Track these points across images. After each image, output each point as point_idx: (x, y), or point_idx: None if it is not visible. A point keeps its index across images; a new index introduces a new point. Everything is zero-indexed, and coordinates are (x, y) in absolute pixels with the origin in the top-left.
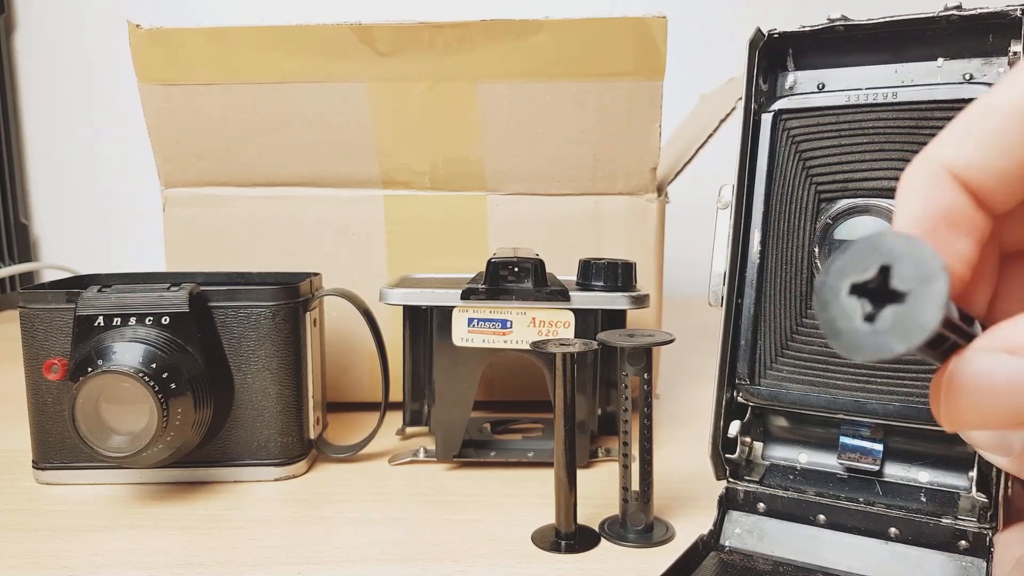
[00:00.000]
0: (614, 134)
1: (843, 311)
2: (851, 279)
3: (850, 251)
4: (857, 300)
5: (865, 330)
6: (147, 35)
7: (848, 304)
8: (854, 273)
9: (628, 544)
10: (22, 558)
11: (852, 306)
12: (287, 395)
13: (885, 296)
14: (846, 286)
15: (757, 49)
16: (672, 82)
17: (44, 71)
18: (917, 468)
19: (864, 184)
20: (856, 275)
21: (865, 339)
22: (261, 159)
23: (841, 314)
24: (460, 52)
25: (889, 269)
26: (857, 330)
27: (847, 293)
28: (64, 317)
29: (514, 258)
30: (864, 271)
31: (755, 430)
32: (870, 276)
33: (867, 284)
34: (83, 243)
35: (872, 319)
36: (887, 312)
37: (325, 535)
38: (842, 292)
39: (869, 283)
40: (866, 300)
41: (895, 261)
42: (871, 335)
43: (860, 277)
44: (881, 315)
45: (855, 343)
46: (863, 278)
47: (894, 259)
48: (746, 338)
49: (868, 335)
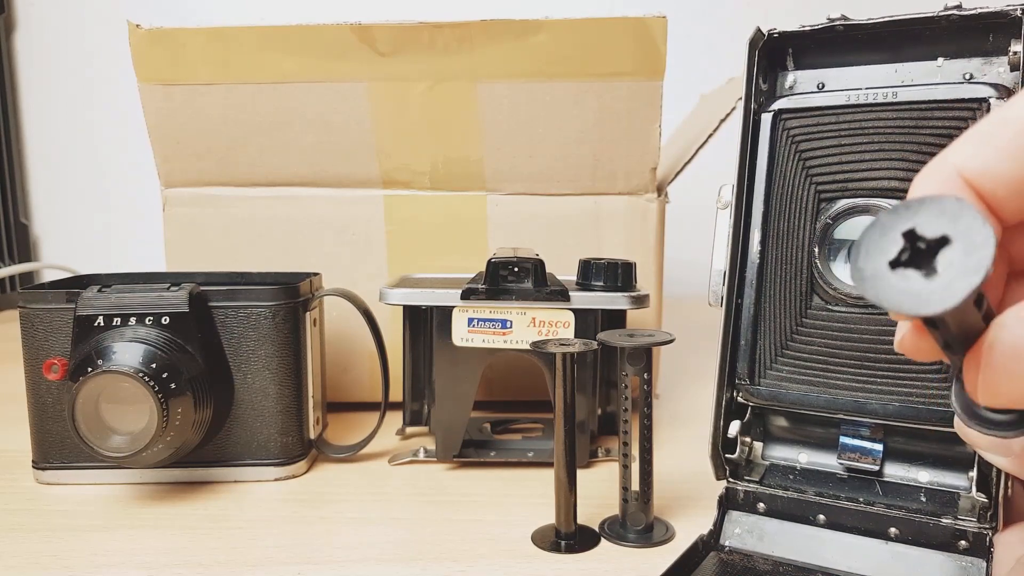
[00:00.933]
0: (614, 134)
1: (891, 281)
2: (886, 257)
3: (868, 235)
4: (901, 271)
5: (883, 273)
6: (147, 35)
7: (895, 276)
8: (883, 250)
9: (628, 544)
10: (22, 558)
11: (900, 275)
12: (287, 395)
13: (922, 260)
14: (884, 265)
15: (757, 49)
16: (672, 82)
17: (44, 71)
18: (917, 468)
19: (864, 184)
20: (888, 252)
21: (924, 292)
22: (261, 159)
23: (891, 284)
24: (460, 52)
25: (913, 231)
26: (876, 266)
27: (888, 270)
28: (64, 317)
29: (514, 258)
30: (892, 244)
31: (755, 430)
32: (899, 246)
33: (900, 257)
34: (83, 243)
35: (895, 266)
36: (941, 262)
37: (325, 535)
38: (883, 270)
39: (902, 254)
40: (908, 249)
41: (920, 222)
42: (927, 287)
43: (892, 252)
44: (937, 266)
45: (868, 278)
46: (895, 252)
47: (918, 221)
48: (746, 338)
49: (924, 287)
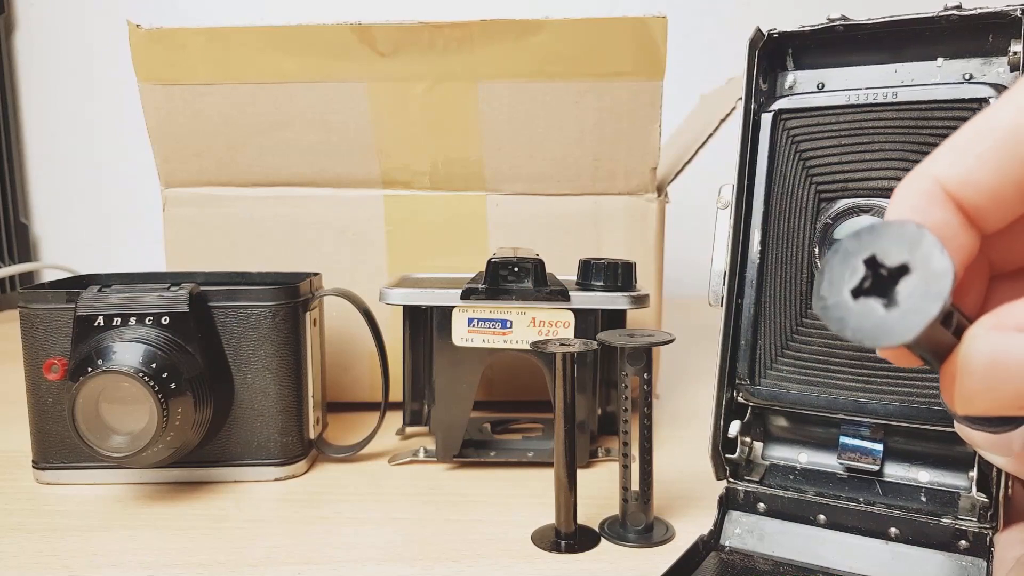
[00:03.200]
0: (614, 134)
1: (853, 311)
2: (848, 286)
3: (831, 263)
4: (862, 301)
5: (847, 303)
6: (147, 35)
7: (856, 306)
8: (845, 279)
9: (628, 544)
10: (22, 558)
11: (855, 273)
12: (287, 395)
13: (883, 288)
14: (847, 294)
15: (757, 49)
16: (672, 82)
17: (44, 71)
18: (917, 468)
19: (864, 184)
20: (849, 281)
21: (885, 323)
22: (261, 159)
23: (853, 314)
24: (460, 52)
25: (874, 258)
26: (839, 296)
27: (851, 299)
28: (64, 317)
29: (514, 258)
30: (854, 272)
31: (755, 430)
32: (861, 275)
33: (862, 285)
34: (83, 243)
35: (856, 296)
36: (901, 291)
37: (325, 535)
38: (845, 299)
39: (863, 282)
40: (869, 278)
41: (880, 249)
42: (887, 318)
43: (853, 281)
44: (896, 296)
45: (831, 311)
46: (856, 280)
47: (878, 248)
48: (746, 338)
49: (885, 319)
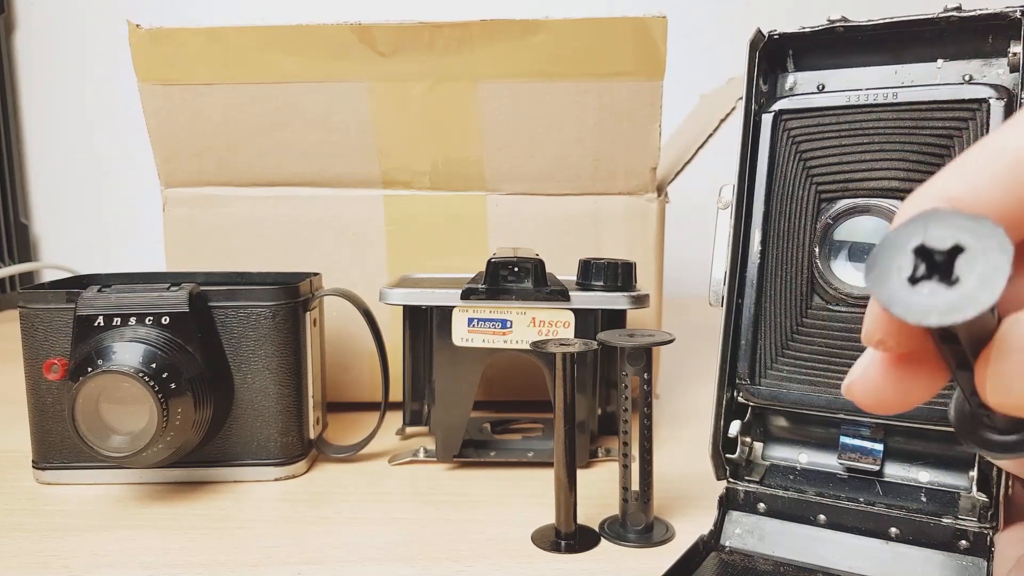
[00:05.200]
0: (614, 134)
1: (894, 261)
2: (924, 239)
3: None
4: (916, 258)
5: (900, 289)
6: (147, 35)
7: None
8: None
9: (628, 544)
10: (22, 558)
11: (905, 262)
12: (287, 395)
13: (940, 272)
14: (902, 282)
15: (757, 50)
16: (672, 82)
17: (44, 71)
18: (917, 468)
19: (864, 184)
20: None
21: (897, 296)
22: (261, 159)
23: (890, 261)
24: (460, 52)
25: (962, 251)
26: (892, 284)
27: (911, 250)
28: (64, 317)
29: (514, 258)
30: (941, 238)
31: (755, 430)
32: (943, 246)
33: (916, 272)
34: (83, 243)
35: (914, 282)
36: (961, 268)
37: (325, 535)
38: (900, 288)
39: (917, 269)
40: (923, 264)
41: (929, 237)
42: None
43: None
44: (924, 284)
45: (887, 297)
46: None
47: (927, 236)
48: (746, 338)
49: (902, 295)
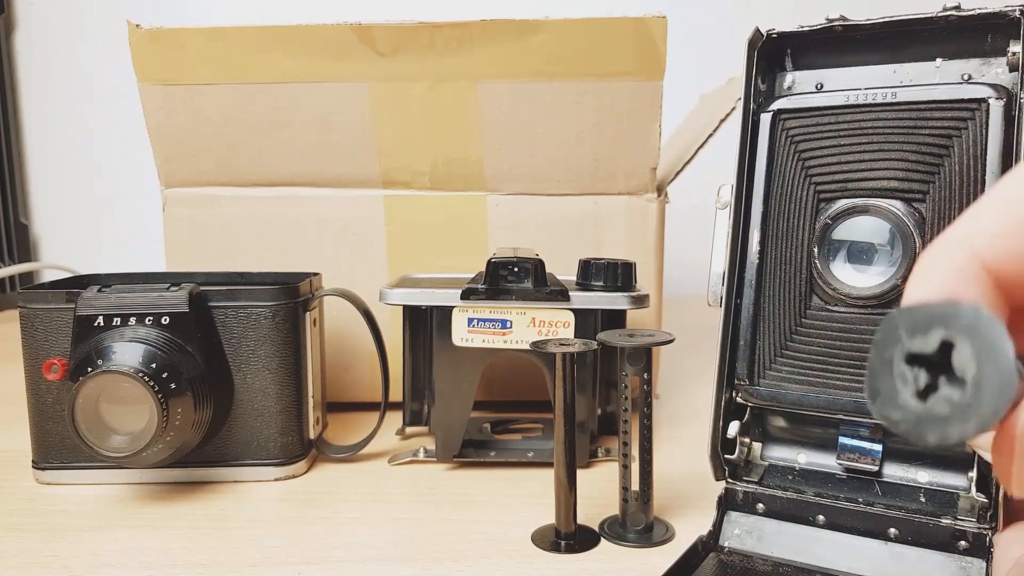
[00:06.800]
0: (614, 134)
1: (894, 381)
2: (908, 347)
3: (908, 312)
4: (912, 370)
5: (915, 407)
6: (147, 35)
7: (901, 375)
8: (911, 339)
9: (628, 544)
10: (22, 558)
11: (906, 377)
12: (287, 395)
13: (944, 371)
14: (901, 354)
15: (756, 49)
16: (672, 82)
17: (44, 71)
18: (916, 468)
19: (863, 184)
20: (914, 343)
21: (914, 418)
22: (261, 159)
23: (890, 383)
24: (460, 52)
25: (951, 346)
26: (906, 405)
27: (902, 362)
28: (64, 317)
29: (514, 258)
30: (924, 341)
31: (754, 430)
32: (930, 349)
33: (927, 356)
34: (83, 243)
35: (925, 397)
36: (942, 394)
37: (325, 535)
38: (896, 361)
39: (930, 356)
40: (923, 372)
41: (960, 337)
42: (920, 417)
43: (919, 347)
44: (935, 396)
45: (902, 419)
46: (922, 349)
47: (959, 334)
48: (745, 338)
49: (917, 415)
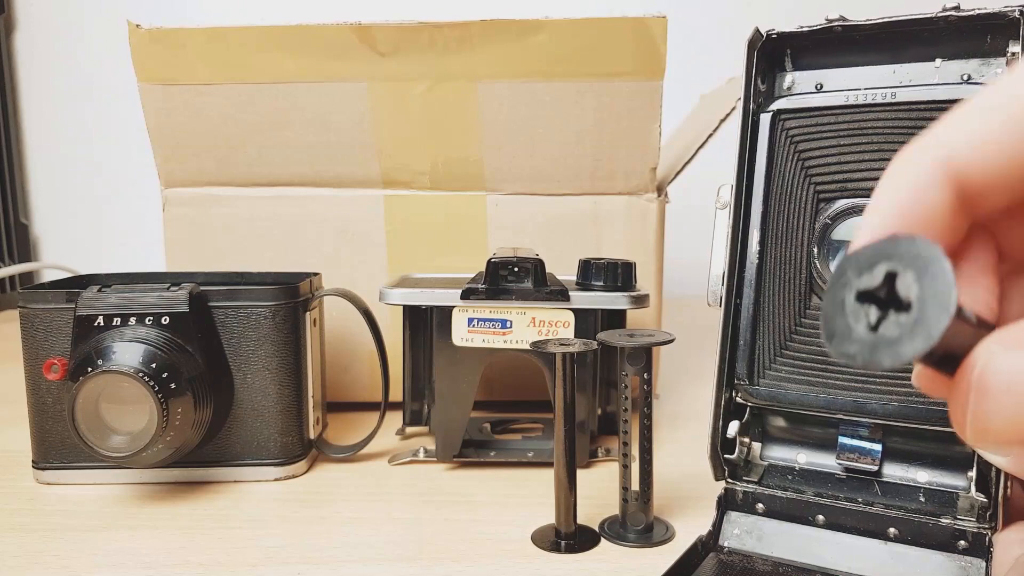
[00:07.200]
0: (614, 134)
1: (847, 319)
2: (856, 286)
3: (854, 256)
4: (862, 307)
5: (868, 338)
6: (147, 35)
7: (854, 312)
8: (859, 279)
9: (628, 544)
10: (22, 558)
11: (858, 314)
12: (287, 395)
13: (892, 303)
14: (851, 294)
15: (755, 49)
16: (672, 82)
17: (44, 71)
18: (916, 468)
19: (863, 184)
20: (862, 281)
21: (868, 346)
22: (261, 159)
23: (844, 322)
24: (460, 52)
25: (895, 275)
26: (861, 338)
27: (853, 300)
28: (64, 317)
29: (514, 258)
30: (870, 277)
31: (754, 430)
32: (876, 283)
33: (874, 291)
34: (83, 243)
35: (876, 327)
36: (891, 320)
37: (325, 535)
38: (847, 301)
39: (876, 290)
40: (873, 307)
41: (901, 266)
42: (874, 343)
43: (866, 284)
44: (885, 322)
45: (857, 351)
46: (869, 285)
47: (900, 264)
48: (745, 338)
49: (871, 343)
